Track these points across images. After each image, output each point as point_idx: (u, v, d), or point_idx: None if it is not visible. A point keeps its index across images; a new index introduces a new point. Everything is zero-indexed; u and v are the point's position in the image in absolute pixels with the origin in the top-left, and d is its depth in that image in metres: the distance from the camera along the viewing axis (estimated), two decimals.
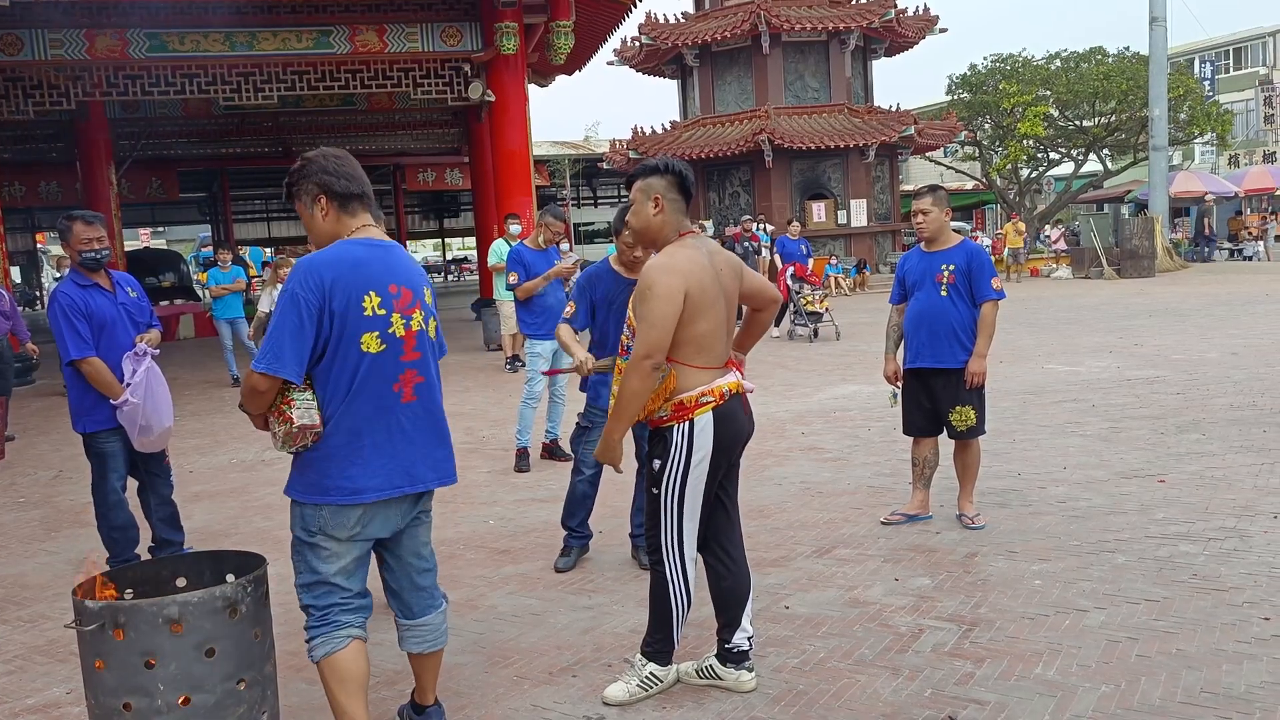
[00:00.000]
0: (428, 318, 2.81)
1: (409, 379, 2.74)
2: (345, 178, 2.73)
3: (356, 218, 2.76)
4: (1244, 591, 3.89)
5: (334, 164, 2.71)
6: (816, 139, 22.07)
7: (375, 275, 2.69)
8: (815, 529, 5.05)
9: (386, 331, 2.68)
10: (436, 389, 2.84)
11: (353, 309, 2.63)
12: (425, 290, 2.83)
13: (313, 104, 18.75)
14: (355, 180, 2.74)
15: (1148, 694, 3.12)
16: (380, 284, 2.69)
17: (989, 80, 28.39)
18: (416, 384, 2.76)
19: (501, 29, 13.59)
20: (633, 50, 24.75)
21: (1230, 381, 8.44)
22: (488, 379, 10.20)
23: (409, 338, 2.73)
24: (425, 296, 2.82)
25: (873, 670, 3.40)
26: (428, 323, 2.80)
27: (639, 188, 3.21)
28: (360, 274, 2.66)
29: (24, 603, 4.61)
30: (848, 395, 8.96)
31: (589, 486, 4.70)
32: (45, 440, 8.93)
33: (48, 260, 42.75)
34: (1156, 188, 23.82)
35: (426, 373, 2.79)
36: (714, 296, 3.12)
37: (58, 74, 12.98)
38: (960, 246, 4.88)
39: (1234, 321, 12.74)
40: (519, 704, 3.30)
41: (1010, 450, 6.42)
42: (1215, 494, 5.22)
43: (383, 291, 2.69)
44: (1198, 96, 28.53)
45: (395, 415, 2.72)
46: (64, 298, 4.48)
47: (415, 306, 2.76)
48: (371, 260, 2.71)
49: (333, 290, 2.62)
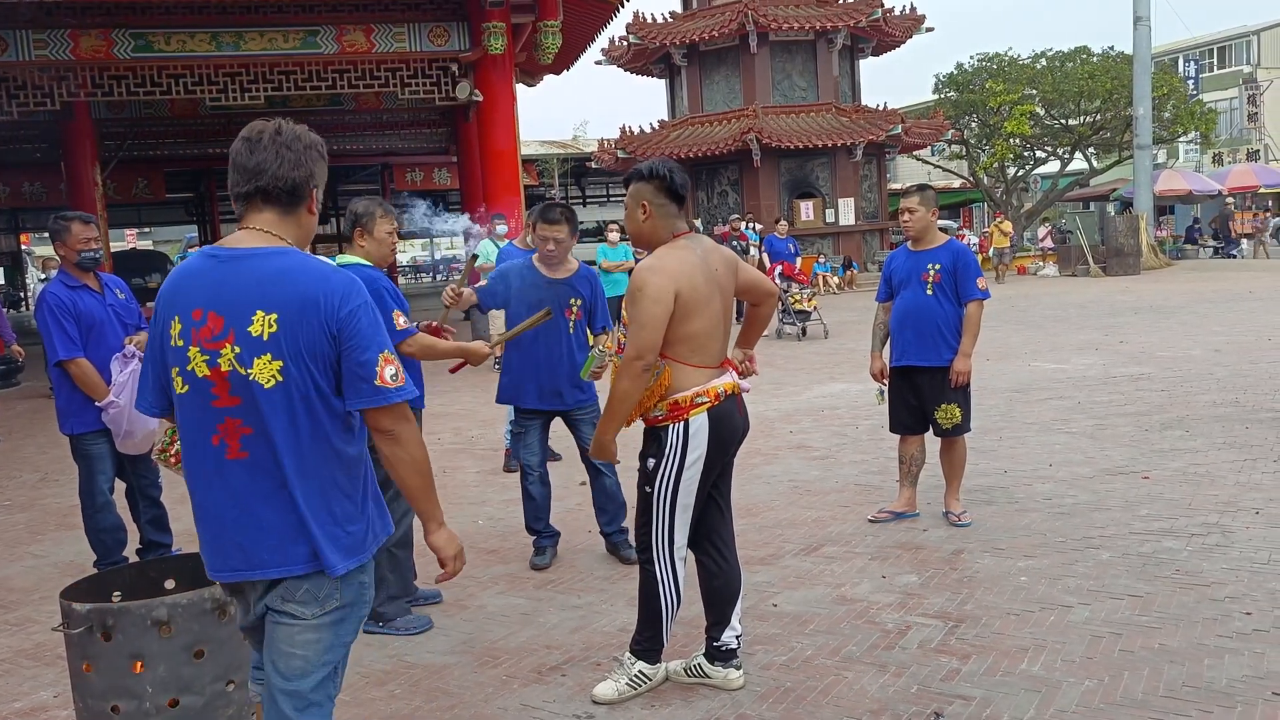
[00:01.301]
0: (248, 357, 2.03)
1: (231, 430, 2.06)
2: (235, 172, 2.14)
3: (246, 219, 2.16)
4: (1226, 587, 3.94)
5: (234, 156, 2.13)
6: (804, 138, 22.11)
7: (187, 295, 2.10)
8: (803, 527, 5.07)
9: (186, 369, 2.08)
10: (286, 445, 2.06)
11: (166, 337, 2.12)
12: (262, 319, 2.03)
13: (300, 104, 18.62)
14: (245, 174, 2.12)
15: (1131, 688, 3.15)
16: (185, 307, 2.08)
17: (975, 79, 28.48)
18: (244, 436, 2.06)
19: (489, 29, 13.58)
20: (621, 50, 24.74)
21: (1213, 379, 8.51)
22: (476, 379, 10.18)
23: (217, 379, 2.05)
24: (253, 326, 2.02)
25: (860, 667, 3.42)
26: (249, 363, 2.03)
27: (629, 194, 3.24)
28: (178, 293, 2.12)
29: (10, 606, 4.60)
30: (835, 393, 8.99)
31: (541, 486, 4.69)
32: (31, 442, 8.88)
33: (32, 261, 42.46)
34: (1141, 186, 23.95)
35: (260, 424, 2.05)
36: (707, 295, 3.14)
37: (42, 74, 12.90)
38: (946, 246, 4.91)
39: (1218, 319, 12.83)
40: (508, 703, 3.31)
41: (997, 448, 6.47)
42: (1198, 490, 5.27)
43: (185, 317, 2.07)
44: (1182, 95, 28.69)
45: (221, 474, 2.08)
46: (53, 298, 4.48)
47: (225, 340, 2.04)
48: (197, 274, 2.11)
49: (156, 312, 2.17)
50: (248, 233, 2.13)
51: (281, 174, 2.11)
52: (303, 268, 2.08)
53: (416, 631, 3.92)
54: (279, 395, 2.04)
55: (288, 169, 2.11)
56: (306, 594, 2.08)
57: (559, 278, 4.61)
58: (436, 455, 7.14)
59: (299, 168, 2.13)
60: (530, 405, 4.64)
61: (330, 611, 2.10)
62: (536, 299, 4.45)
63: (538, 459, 4.69)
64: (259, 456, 2.05)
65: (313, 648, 2.10)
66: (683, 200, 3.24)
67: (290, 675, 2.09)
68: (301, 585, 2.08)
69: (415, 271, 44.45)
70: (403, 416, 2.11)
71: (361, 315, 2.07)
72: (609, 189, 41.55)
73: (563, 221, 4.55)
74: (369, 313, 2.09)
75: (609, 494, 4.69)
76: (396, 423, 2.11)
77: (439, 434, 8.02)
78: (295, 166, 2.12)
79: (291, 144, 2.12)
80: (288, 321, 2.03)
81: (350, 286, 2.08)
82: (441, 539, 2.23)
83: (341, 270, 2.12)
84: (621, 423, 3.14)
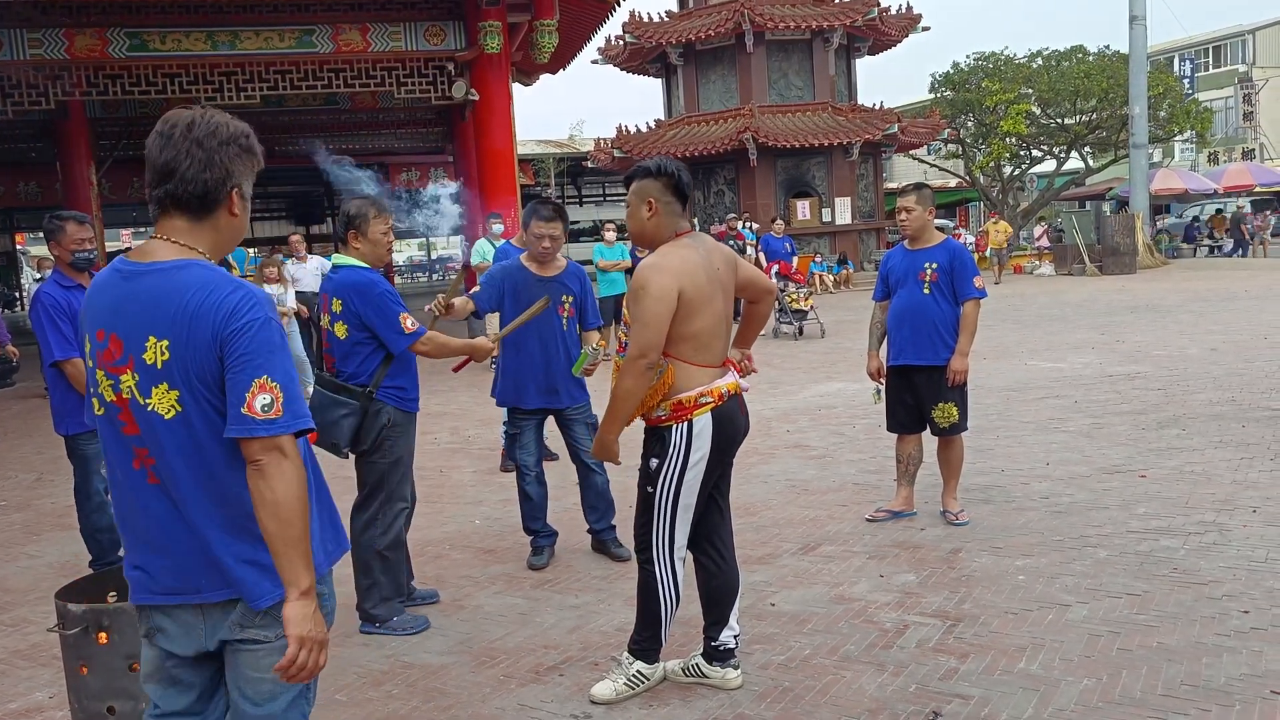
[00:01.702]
0: (146, 386, 1.85)
1: (142, 458, 1.91)
2: (148, 169, 1.92)
3: (158, 225, 1.94)
4: (1223, 585, 3.94)
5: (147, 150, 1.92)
6: (800, 137, 22.13)
7: (93, 313, 1.94)
8: (801, 526, 5.07)
9: (97, 390, 1.93)
10: (197, 476, 1.89)
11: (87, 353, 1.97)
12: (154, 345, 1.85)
13: (296, 103, 18.65)
14: (155, 173, 1.90)
15: (1129, 687, 3.15)
16: (91, 326, 1.93)
17: (972, 78, 28.52)
18: (152, 467, 1.90)
19: (485, 28, 13.57)
20: (617, 49, 24.74)
21: (1209, 377, 8.52)
22: (473, 378, 10.15)
23: (122, 406, 1.89)
24: (147, 353, 1.85)
25: (858, 666, 3.42)
26: (148, 392, 1.85)
27: (633, 190, 3.21)
28: (87, 309, 1.97)
29: (6, 606, 4.58)
30: (833, 393, 8.99)
31: (537, 486, 4.70)
32: (27, 443, 8.85)
33: (27, 261, 42.35)
34: (1137, 185, 24.00)
35: (164, 455, 1.88)
36: (710, 293, 3.13)
37: (37, 73, 12.87)
38: (943, 245, 4.91)
39: (1213, 317, 12.85)
40: (506, 703, 3.30)
41: (994, 446, 6.47)
42: (1195, 489, 5.28)
43: (92, 337, 1.93)
44: (1177, 94, 28.75)
45: (144, 498, 1.93)
46: (47, 298, 4.46)
47: (125, 366, 1.87)
48: (103, 290, 1.94)
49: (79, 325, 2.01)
50: (158, 242, 1.91)
51: (190, 175, 1.87)
52: (197, 283, 1.85)
53: (413, 632, 3.91)
54: (180, 427, 1.86)
55: (197, 169, 1.87)
56: (267, 618, 1.93)
57: (550, 276, 4.63)
58: (433, 455, 7.16)
59: (211, 168, 1.87)
60: (533, 405, 4.64)
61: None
62: (529, 298, 4.46)
63: (534, 459, 4.69)
64: (171, 486, 1.89)
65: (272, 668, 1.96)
66: (687, 199, 3.23)
67: (260, 700, 1.98)
68: (259, 610, 1.93)
69: (412, 271, 44.42)
70: (274, 449, 1.82)
71: (247, 334, 1.83)
72: (605, 188, 41.56)
73: (557, 218, 4.57)
74: (261, 331, 1.84)
75: (599, 492, 4.70)
76: (265, 453, 1.82)
77: (436, 434, 8.01)
78: (206, 166, 1.87)
79: (204, 140, 1.87)
80: (178, 346, 1.84)
81: (243, 302, 1.84)
82: (294, 612, 1.84)
83: (243, 285, 1.88)
84: (625, 423, 3.13)
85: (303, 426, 1.86)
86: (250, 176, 1.97)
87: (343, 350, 3.85)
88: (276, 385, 1.83)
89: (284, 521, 1.83)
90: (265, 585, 1.91)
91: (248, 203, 1.99)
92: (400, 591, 4.07)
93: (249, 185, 1.97)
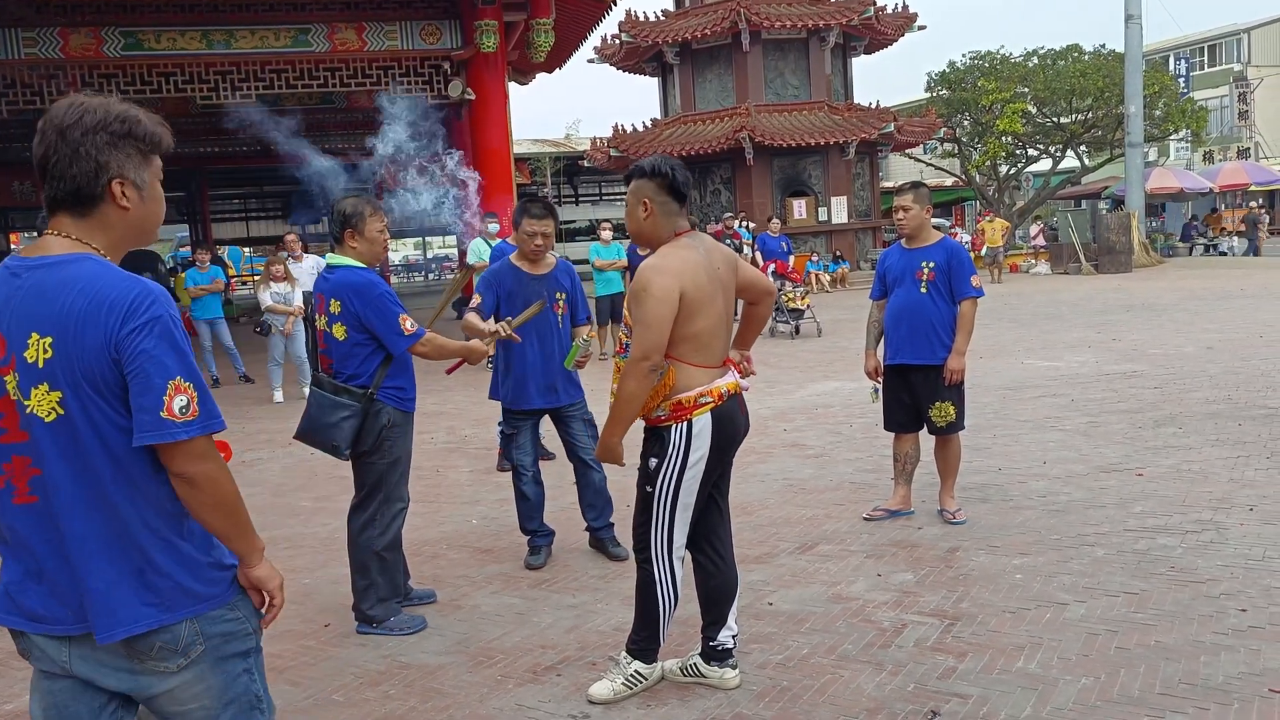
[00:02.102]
0: (26, 387, 1.72)
1: (18, 470, 1.77)
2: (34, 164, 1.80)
3: (50, 221, 1.81)
4: (1221, 583, 3.94)
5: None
6: (797, 136, 22.14)
7: None
8: (798, 525, 5.07)
9: None
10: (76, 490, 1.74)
11: None
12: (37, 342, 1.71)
13: (291, 102, 18.62)
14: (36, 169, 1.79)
15: (1127, 686, 3.15)
16: None
17: (968, 77, 28.54)
18: (33, 478, 1.76)
19: (481, 27, 13.57)
20: (613, 48, 24.73)
21: (1206, 376, 8.53)
22: (470, 378, 10.15)
23: (6, 409, 1.75)
24: (29, 351, 1.71)
25: (856, 665, 3.42)
26: (28, 393, 1.72)
27: (630, 190, 3.21)
28: None
29: None
30: (829, 392, 8.99)
31: (534, 486, 4.69)
32: None
33: None
34: (1133, 184, 24.04)
35: (46, 465, 1.74)
36: (710, 294, 3.13)
37: (31, 73, 12.85)
38: (940, 244, 4.91)
39: (1209, 316, 12.87)
40: (503, 703, 3.29)
41: (991, 445, 6.47)
42: (1192, 487, 5.28)
43: None
44: (1173, 93, 28.78)
45: (10, 520, 1.79)
46: None
47: (8, 366, 1.73)
48: None
49: None
50: (51, 238, 1.78)
51: (58, 172, 1.73)
52: (87, 277, 1.71)
53: (411, 632, 3.90)
54: (62, 431, 1.72)
55: (64, 165, 1.72)
56: (161, 651, 1.80)
57: (541, 274, 4.63)
58: (430, 455, 7.15)
59: (77, 161, 1.72)
60: (535, 405, 4.63)
61: (200, 654, 1.83)
62: (524, 298, 4.48)
63: (530, 459, 4.68)
64: (48, 502, 1.75)
65: (206, 695, 1.85)
66: (684, 198, 3.21)
67: None
68: (150, 642, 1.79)
69: (408, 270, 44.38)
70: (197, 454, 1.74)
71: (149, 332, 1.70)
72: (601, 188, 41.51)
73: (548, 216, 4.57)
74: (162, 329, 1.72)
75: (597, 489, 4.70)
76: (190, 462, 1.74)
77: (432, 434, 8.00)
78: (72, 161, 1.72)
79: (67, 131, 1.72)
80: (63, 344, 1.69)
81: (140, 299, 1.71)
82: (263, 572, 1.88)
83: (140, 280, 1.75)
84: (628, 425, 3.12)
85: (219, 427, 1.79)
86: (140, 163, 1.79)
87: (342, 351, 3.83)
88: (190, 385, 1.73)
89: (230, 512, 1.81)
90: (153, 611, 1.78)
91: (145, 191, 1.81)
92: (397, 592, 4.05)
93: (143, 173, 1.80)
